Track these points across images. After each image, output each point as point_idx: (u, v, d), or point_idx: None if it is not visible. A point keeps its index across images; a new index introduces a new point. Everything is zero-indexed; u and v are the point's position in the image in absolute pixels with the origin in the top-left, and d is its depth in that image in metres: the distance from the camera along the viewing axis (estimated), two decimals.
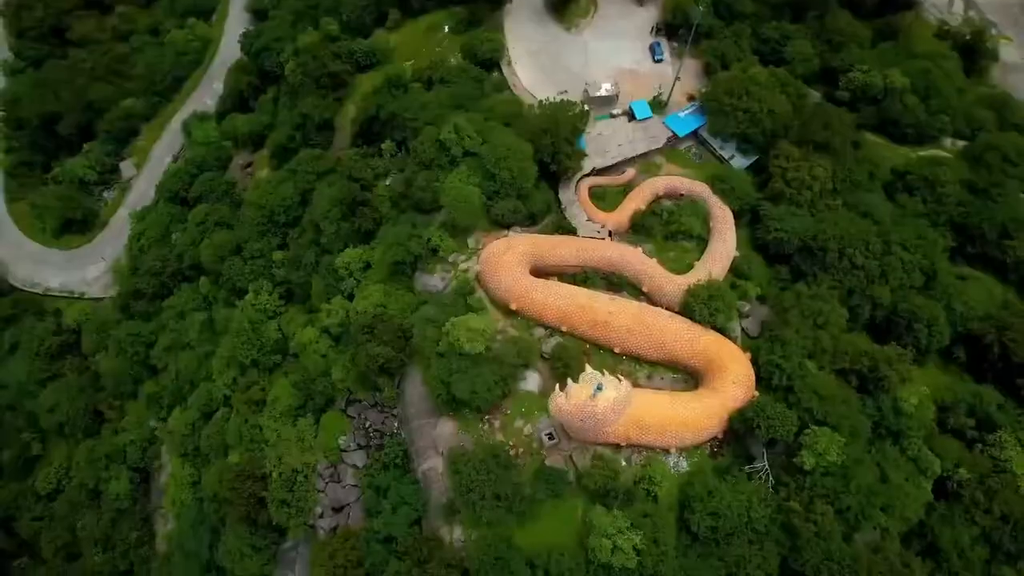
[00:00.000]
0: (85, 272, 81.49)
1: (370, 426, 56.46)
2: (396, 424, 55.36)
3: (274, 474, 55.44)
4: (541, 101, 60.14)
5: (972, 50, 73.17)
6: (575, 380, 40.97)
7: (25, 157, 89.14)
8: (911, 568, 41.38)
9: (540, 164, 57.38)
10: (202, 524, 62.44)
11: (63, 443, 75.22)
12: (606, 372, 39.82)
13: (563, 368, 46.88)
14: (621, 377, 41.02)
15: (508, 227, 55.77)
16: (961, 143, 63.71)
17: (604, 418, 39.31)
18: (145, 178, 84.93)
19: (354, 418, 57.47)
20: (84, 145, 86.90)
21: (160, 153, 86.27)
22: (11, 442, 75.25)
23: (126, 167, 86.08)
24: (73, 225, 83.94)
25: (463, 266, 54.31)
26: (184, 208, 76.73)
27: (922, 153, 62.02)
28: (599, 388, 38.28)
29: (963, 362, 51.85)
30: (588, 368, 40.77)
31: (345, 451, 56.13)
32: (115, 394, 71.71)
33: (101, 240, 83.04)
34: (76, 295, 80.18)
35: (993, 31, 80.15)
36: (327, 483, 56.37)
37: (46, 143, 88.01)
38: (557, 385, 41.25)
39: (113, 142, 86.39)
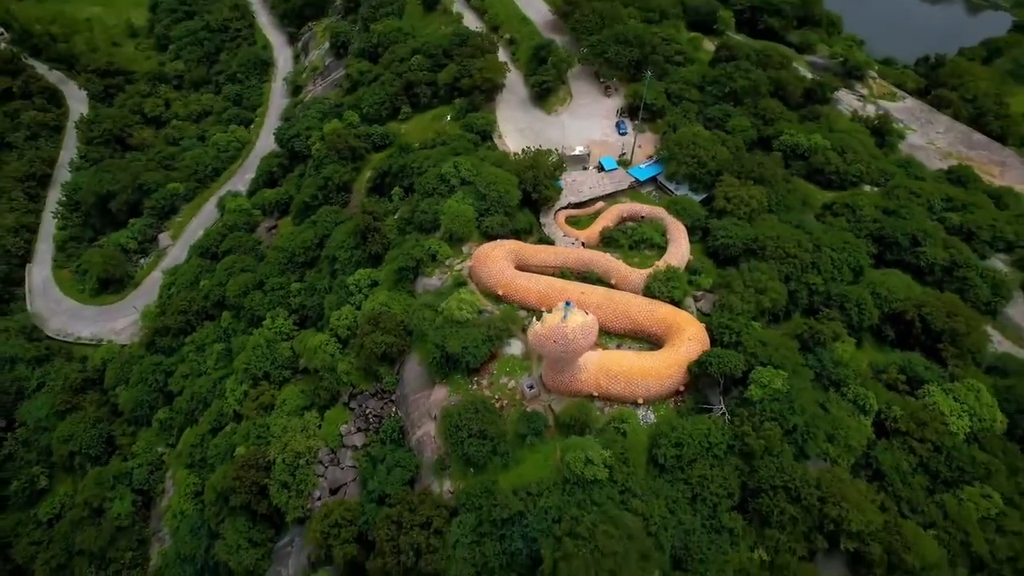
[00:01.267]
0: (115, 323, 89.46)
1: (370, 412, 61.53)
2: (394, 409, 60.74)
3: (278, 460, 59.49)
4: (524, 149, 73.33)
5: (881, 132, 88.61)
6: None
7: (76, 232, 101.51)
8: (859, 488, 45.65)
9: (524, 193, 68.98)
10: (201, 529, 64.53)
11: (70, 478, 78.27)
12: (573, 303, 47.43)
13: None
14: (588, 313, 48.39)
15: (496, 238, 65.66)
16: (876, 189, 75.96)
17: (574, 339, 46.03)
18: (179, 247, 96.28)
19: (355, 409, 62.81)
20: (130, 221, 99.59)
21: (195, 226, 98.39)
22: (20, 475, 78.11)
23: (163, 238, 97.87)
24: (109, 285, 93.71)
25: (458, 267, 63.42)
26: (213, 261, 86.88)
27: (845, 194, 73.95)
28: (568, 306, 45.76)
29: (892, 340, 58.89)
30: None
31: (345, 436, 60.82)
32: (130, 420, 76.43)
33: (133, 296, 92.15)
34: (104, 343, 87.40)
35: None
36: (327, 468, 60.24)
37: (97, 220, 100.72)
38: (534, 317, 48.52)
39: (155, 218, 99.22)
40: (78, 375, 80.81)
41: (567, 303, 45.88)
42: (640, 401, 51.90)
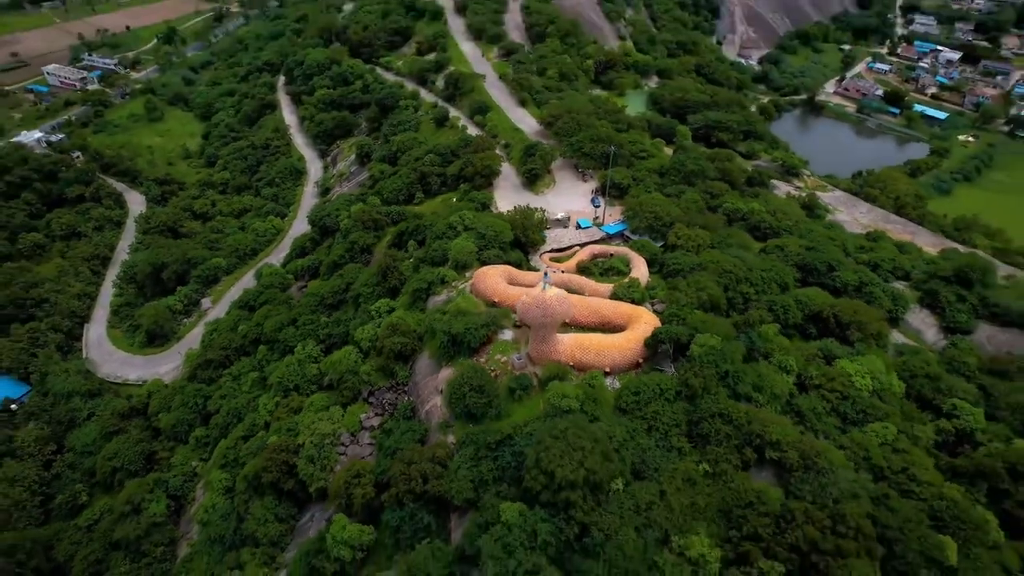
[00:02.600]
0: (159, 369, 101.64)
1: (386, 402, 73.00)
2: (407, 397, 72.27)
3: (307, 442, 70.20)
4: (515, 207, 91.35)
5: (810, 207, 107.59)
6: None
7: (130, 299, 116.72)
8: (783, 424, 57.28)
9: (515, 238, 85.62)
10: (231, 515, 72.93)
11: (107, 496, 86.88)
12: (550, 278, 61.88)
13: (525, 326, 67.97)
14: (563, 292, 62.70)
15: None
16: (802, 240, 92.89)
17: (552, 305, 59.75)
18: (219, 308, 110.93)
19: (373, 403, 74.13)
20: (178, 288, 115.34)
21: (234, 292, 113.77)
22: (64, 491, 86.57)
23: (205, 302, 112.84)
24: (156, 339, 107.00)
25: (461, 286, 78.29)
26: (250, 312, 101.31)
27: (775, 240, 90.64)
28: (546, 278, 60.28)
29: (814, 335, 72.35)
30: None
31: (364, 420, 71.69)
32: (170, 437, 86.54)
33: (176, 347, 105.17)
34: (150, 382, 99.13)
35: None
36: (347, 447, 70.48)
37: (149, 289, 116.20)
38: (523, 295, 62.61)
39: (200, 285, 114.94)
40: (125, 404, 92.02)
41: (545, 275, 60.64)
42: (607, 370, 64.45)
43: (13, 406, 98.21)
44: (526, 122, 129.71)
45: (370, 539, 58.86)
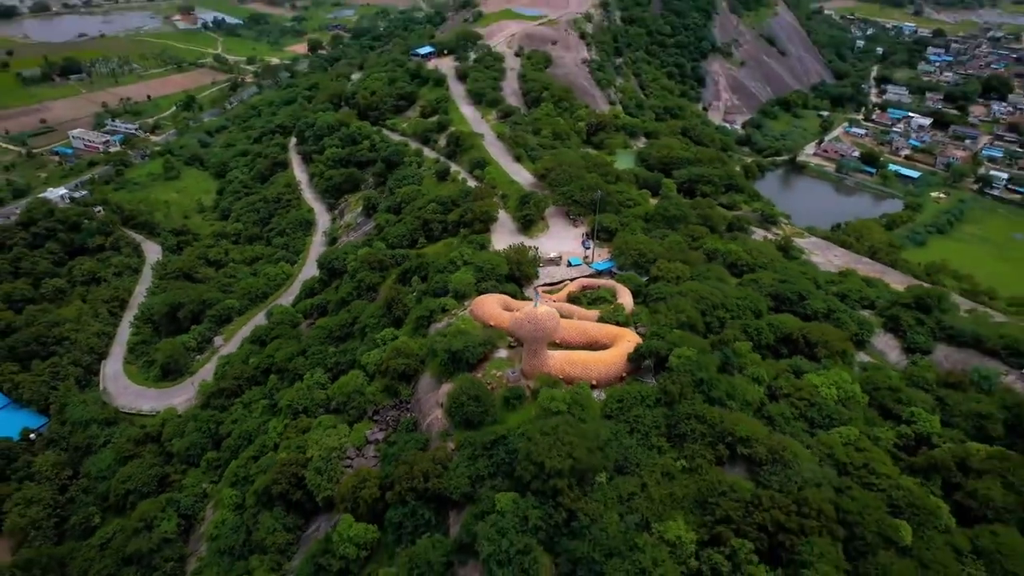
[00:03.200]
0: (173, 400, 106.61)
1: (390, 419, 78.09)
2: (410, 414, 77.44)
3: (315, 455, 75.06)
4: (510, 245, 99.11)
5: (785, 249, 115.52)
6: None
7: (146, 338, 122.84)
8: (753, 424, 62.84)
9: (510, 273, 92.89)
10: (240, 528, 76.81)
11: (120, 519, 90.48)
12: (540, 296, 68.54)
13: (519, 345, 74.31)
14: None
15: None
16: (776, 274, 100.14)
17: (542, 320, 66.21)
18: (231, 345, 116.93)
19: (378, 420, 79.21)
20: (192, 327, 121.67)
21: (246, 331, 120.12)
22: (77, 513, 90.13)
23: (218, 340, 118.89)
24: (169, 374, 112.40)
25: (461, 314, 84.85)
26: (262, 347, 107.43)
27: (751, 275, 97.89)
28: (536, 296, 66.99)
29: (786, 355, 78.46)
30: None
31: (369, 435, 76.62)
32: (182, 460, 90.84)
33: (189, 380, 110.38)
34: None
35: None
36: (353, 460, 75.11)
37: (165, 328, 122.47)
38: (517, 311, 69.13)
39: (213, 323, 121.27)
40: (140, 431, 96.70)
41: (536, 293, 67.48)
42: (594, 383, 70.23)
43: (32, 435, 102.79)
44: (521, 175, 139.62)
45: (374, 537, 63.15)
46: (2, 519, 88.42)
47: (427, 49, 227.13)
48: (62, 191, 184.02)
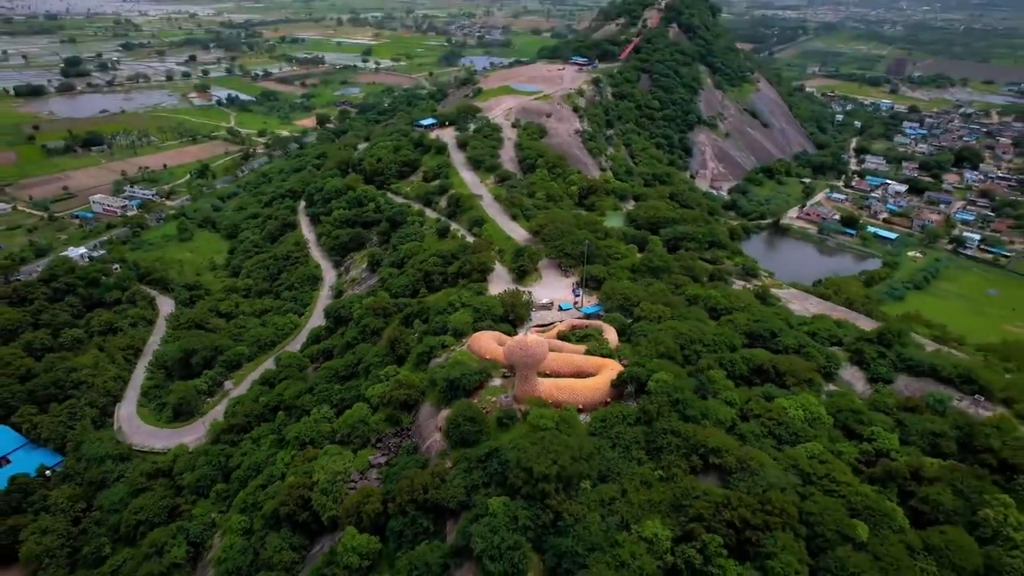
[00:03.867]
0: (184, 439, 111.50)
1: (392, 445, 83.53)
2: (411, 440, 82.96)
3: (321, 478, 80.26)
4: (505, 290, 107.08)
5: (762, 297, 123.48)
6: None
7: (159, 382, 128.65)
8: (724, 437, 68.93)
9: (504, 315, 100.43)
10: (248, 550, 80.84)
11: (129, 549, 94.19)
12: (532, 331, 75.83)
13: (512, 374, 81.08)
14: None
15: None
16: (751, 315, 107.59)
17: (532, 347, 73.35)
18: (241, 388, 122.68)
19: (380, 447, 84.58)
20: (204, 372, 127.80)
21: (254, 375, 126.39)
22: (89, 543, 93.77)
23: (228, 384, 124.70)
24: (181, 416, 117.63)
25: (459, 349, 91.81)
26: (271, 388, 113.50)
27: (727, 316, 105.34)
28: (528, 330, 74.27)
29: (759, 384, 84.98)
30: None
31: (372, 459, 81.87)
32: (192, 491, 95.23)
33: (200, 420, 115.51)
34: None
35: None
36: (357, 482, 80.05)
37: (178, 374, 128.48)
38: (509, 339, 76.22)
39: (224, 368, 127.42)
40: (152, 466, 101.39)
41: (527, 326, 74.86)
42: (580, 407, 76.54)
43: (48, 472, 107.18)
44: (517, 232, 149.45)
45: (377, 548, 67.83)
46: (18, 548, 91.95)
47: (430, 120, 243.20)
48: (82, 250, 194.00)
